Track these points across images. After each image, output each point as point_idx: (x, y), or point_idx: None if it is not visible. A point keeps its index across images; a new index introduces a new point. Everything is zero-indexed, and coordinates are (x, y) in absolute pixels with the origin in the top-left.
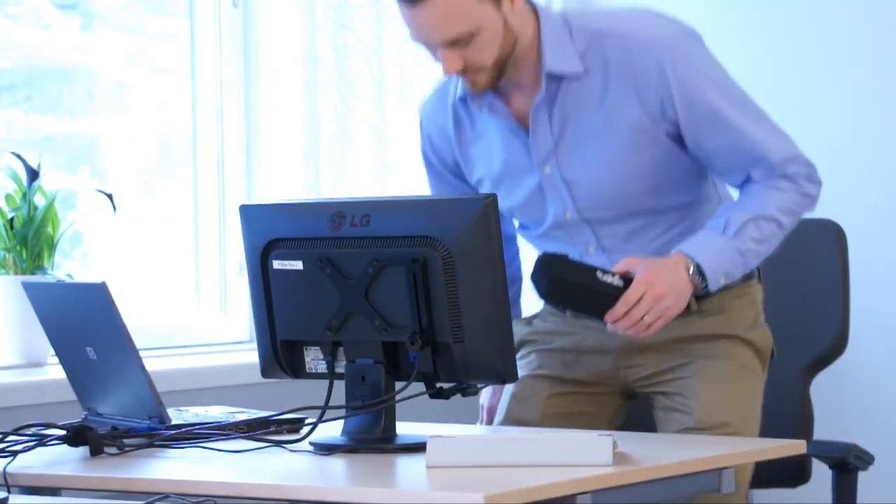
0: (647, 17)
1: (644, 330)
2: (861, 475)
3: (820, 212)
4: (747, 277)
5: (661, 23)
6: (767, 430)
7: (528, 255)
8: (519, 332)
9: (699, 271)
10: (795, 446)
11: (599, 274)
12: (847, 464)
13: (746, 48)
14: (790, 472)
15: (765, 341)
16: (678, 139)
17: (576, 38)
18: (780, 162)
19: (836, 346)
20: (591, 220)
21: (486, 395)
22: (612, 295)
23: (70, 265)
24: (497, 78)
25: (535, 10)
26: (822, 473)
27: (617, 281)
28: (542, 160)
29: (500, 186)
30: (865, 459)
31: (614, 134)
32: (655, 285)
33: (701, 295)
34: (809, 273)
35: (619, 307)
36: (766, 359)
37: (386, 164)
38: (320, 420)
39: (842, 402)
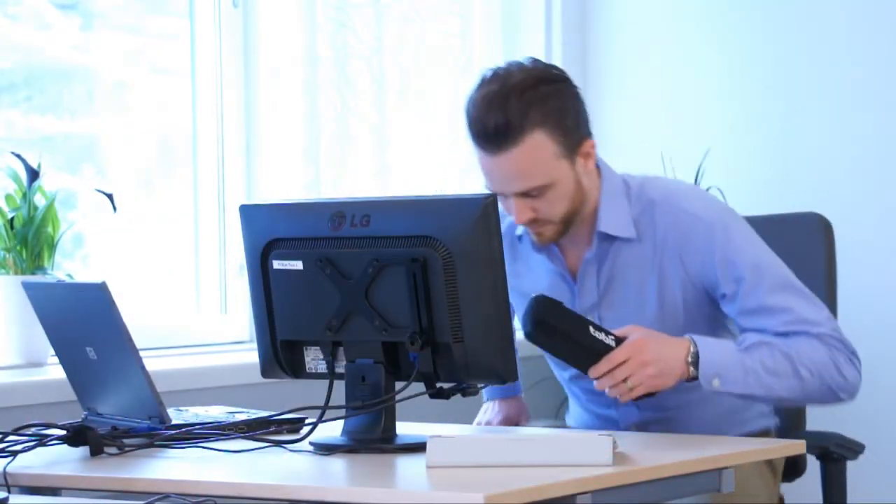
0: (697, 193)
1: (627, 392)
2: (853, 466)
3: (808, 205)
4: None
5: (710, 200)
6: None
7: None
8: None
9: (696, 360)
10: (795, 446)
11: (592, 329)
12: (830, 453)
13: (738, 46)
14: (785, 467)
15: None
16: (716, 304)
17: (633, 204)
18: (821, 335)
19: None
20: None
21: (486, 413)
22: (598, 352)
23: (70, 265)
24: (563, 232)
25: (599, 170)
26: (817, 467)
27: (609, 340)
28: (585, 311)
29: None
30: (852, 448)
31: (656, 297)
32: (644, 352)
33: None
34: (796, 266)
35: (602, 364)
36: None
37: (386, 164)
38: (320, 420)
39: None
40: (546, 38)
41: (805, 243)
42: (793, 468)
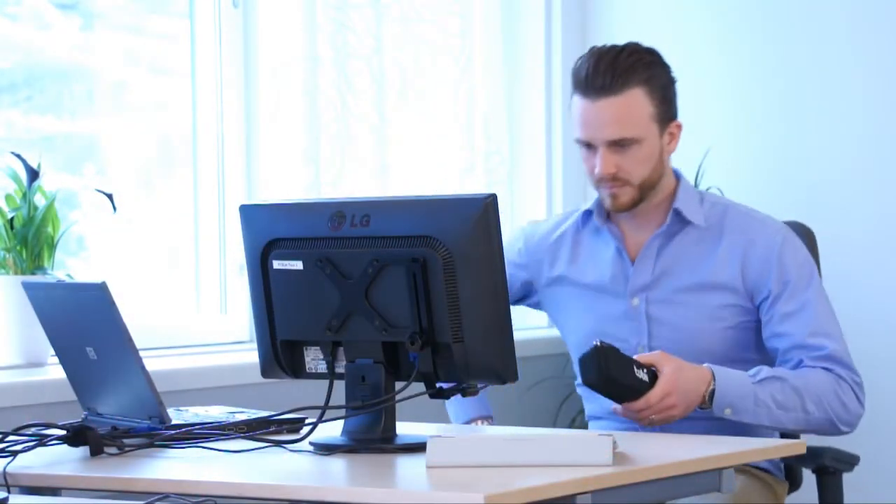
0: (762, 213)
1: (644, 423)
2: (849, 477)
3: (791, 214)
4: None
5: (774, 219)
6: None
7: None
8: None
9: (713, 395)
10: (795, 446)
11: (635, 368)
12: (826, 467)
13: (737, 46)
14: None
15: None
16: (757, 313)
17: (705, 205)
18: (832, 357)
19: None
20: None
21: None
22: (640, 391)
23: (70, 265)
24: (637, 201)
25: (677, 178)
26: (813, 480)
27: (645, 376)
28: (634, 291)
29: (586, 294)
30: (847, 461)
31: (708, 289)
32: (673, 395)
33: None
34: None
35: (640, 403)
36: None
37: (386, 164)
38: (320, 420)
39: None
40: (546, 37)
41: None
42: (790, 481)
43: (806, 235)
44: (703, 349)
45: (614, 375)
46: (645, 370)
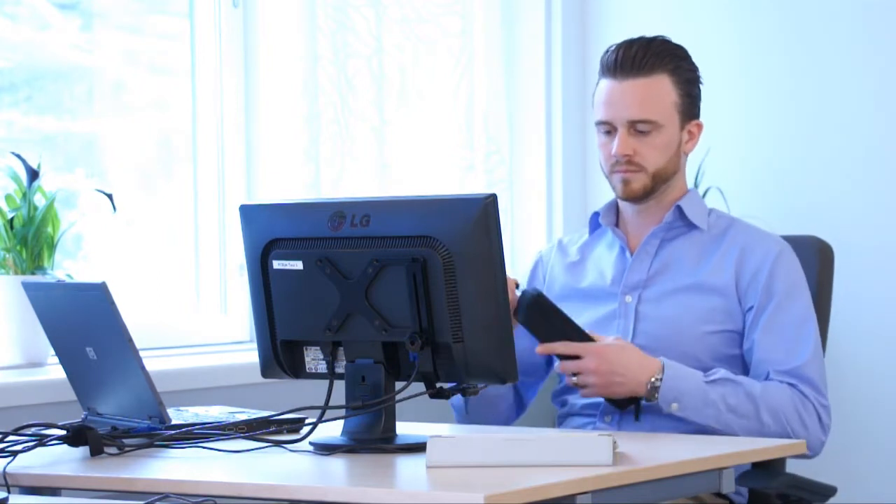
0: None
1: (570, 381)
2: None
3: (792, 214)
4: None
5: (778, 236)
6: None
7: None
8: None
9: (658, 385)
10: (795, 446)
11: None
12: (802, 499)
13: (738, 46)
14: None
15: None
16: (743, 322)
17: (711, 216)
18: (800, 374)
19: None
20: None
21: None
22: (576, 331)
23: (70, 265)
24: (648, 190)
25: (688, 189)
26: None
27: (585, 333)
28: (628, 288)
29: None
30: (821, 493)
31: (702, 291)
32: (600, 362)
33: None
34: None
35: (577, 346)
36: None
37: (386, 164)
38: (320, 420)
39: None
40: (546, 37)
41: (804, 267)
42: None
43: (821, 252)
44: (686, 352)
45: (549, 303)
46: (588, 333)
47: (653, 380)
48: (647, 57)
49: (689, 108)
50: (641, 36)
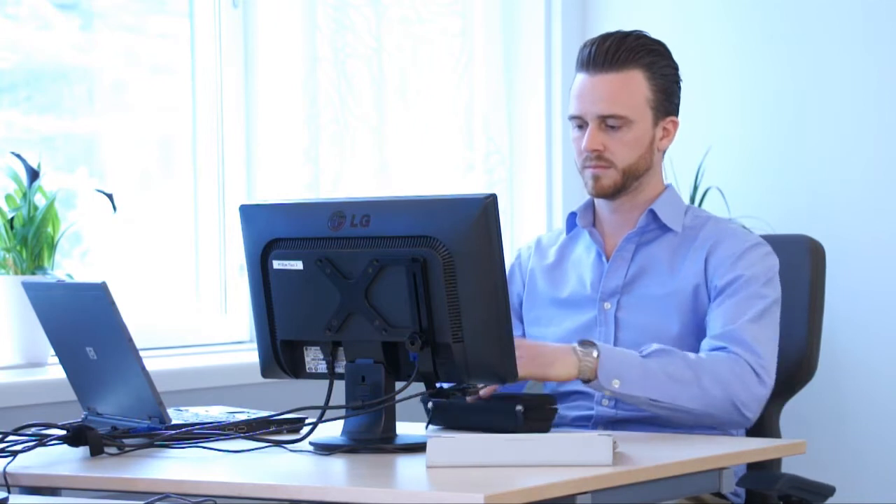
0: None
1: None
2: None
3: (791, 214)
4: None
5: (756, 235)
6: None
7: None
8: None
9: (591, 357)
10: (795, 446)
11: None
12: (787, 496)
13: (738, 46)
14: None
15: None
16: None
17: (688, 216)
18: (732, 337)
19: (801, 373)
20: None
21: None
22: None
23: (70, 265)
24: (618, 187)
25: (667, 186)
26: None
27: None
28: (606, 295)
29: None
30: (820, 493)
31: (680, 296)
32: (525, 347)
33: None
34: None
35: None
36: None
37: (386, 164)
38: (320, 420)
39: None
40: (546, 38)
41: (790, 268)
42: None
43: (814, 252)
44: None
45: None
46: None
47: (574, 345)
48: (619, 52)
49: (664, 105)
50: (618, 30)
